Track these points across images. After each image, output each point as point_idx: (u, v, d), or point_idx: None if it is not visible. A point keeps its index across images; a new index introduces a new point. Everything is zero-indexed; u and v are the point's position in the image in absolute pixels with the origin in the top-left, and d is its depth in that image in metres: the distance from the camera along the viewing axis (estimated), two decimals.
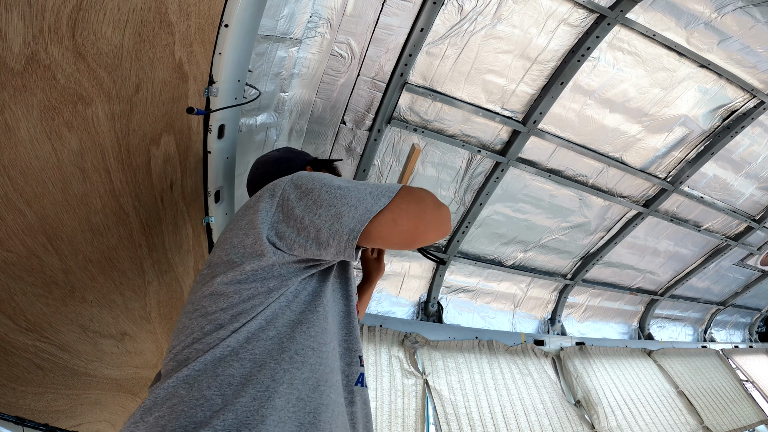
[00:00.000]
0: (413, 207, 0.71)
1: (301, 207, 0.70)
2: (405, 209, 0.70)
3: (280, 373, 0.61)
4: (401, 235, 0.71)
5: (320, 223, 0.68)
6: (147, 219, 1.10)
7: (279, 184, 0.75)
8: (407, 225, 0.70)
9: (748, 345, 4.22)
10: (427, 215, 0.72)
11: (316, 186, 0.72)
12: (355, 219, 0.67)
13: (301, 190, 0.73)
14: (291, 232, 0.70)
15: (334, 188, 0.71)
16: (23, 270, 0.82)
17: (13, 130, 0.65)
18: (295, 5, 1.35)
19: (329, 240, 0.68)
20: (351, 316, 0.82)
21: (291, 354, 0.64)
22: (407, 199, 0.71)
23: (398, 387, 2.08)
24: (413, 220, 0.71)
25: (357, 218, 0.67)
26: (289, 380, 0.61)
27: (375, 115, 1.77)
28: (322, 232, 0.68)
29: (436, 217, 0.73)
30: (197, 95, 1.04)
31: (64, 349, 1.04)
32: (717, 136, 2.26)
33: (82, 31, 0.67)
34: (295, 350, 0.64)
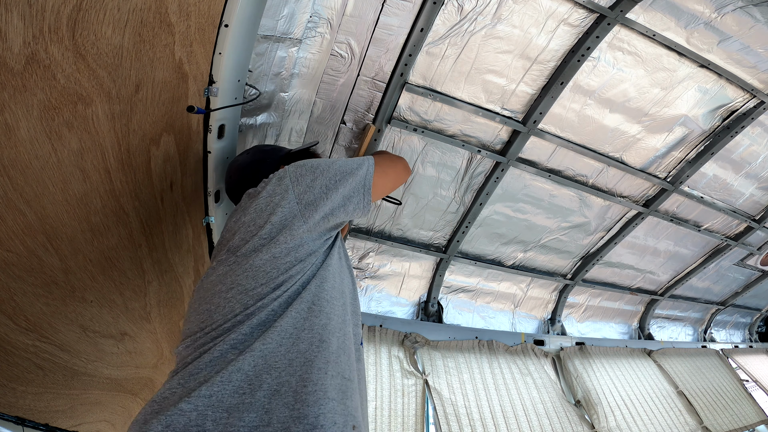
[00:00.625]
0: (388, 162, 1.01)
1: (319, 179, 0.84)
2: (386, 163, 0.99)
3: (300, 321, 0.69)
4: (390, 181, 1.00)
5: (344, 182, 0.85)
6: (147, 219, 1.10)
7: (283, 176, 0.86)
8: (392, 172, 1.01)
9: (748, 345, 4.22)
10: (398, 163, 1.05)
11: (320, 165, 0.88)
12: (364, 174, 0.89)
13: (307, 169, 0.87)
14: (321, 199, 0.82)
15: (331, 164, 0.89)
16: (23, 270, 0.82)
17: (13, 130, 0.65)
18: (295, 5, 1.35)
19: (353, 193, 0.86)
20: (354, 284, 0.95)
21: (309, 305, 0.73)
22: (382, 158, 1.00)
23: (398, 387, 2.08)
24: (393, 169, 1.02)
25: (365, 172, 0.89)
26: (309, 326, 0.69)
27: (375, 115, 1.77)
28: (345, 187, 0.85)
29: (402, 162, 1.07)
30: (197, 95, 1.04)
31: (64, 349, 1.04)
32: (717, 136, 2.26)
33: (82, 31, 0.67)
34: (312, 301, 0.74)
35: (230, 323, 0.68)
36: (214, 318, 0.70)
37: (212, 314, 0.71)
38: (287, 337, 0.65)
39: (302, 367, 0.62)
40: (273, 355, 0.62)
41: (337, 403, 0.60)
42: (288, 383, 0.59)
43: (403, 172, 1.06)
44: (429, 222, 2.35)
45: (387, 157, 1.02)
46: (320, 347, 0.66)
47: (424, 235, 2.42)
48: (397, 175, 1.03)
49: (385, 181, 0.97)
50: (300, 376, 0.60)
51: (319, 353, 0.65)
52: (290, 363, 0.62)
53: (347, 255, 1.02)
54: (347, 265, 0.95)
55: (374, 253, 2.41)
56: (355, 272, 2.44)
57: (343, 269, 0.90)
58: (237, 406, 0.56)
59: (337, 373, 0.64)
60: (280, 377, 0.59)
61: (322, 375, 0.62)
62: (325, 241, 0.86)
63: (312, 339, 0.67)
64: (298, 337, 0.66)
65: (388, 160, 1.01)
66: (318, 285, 0.76)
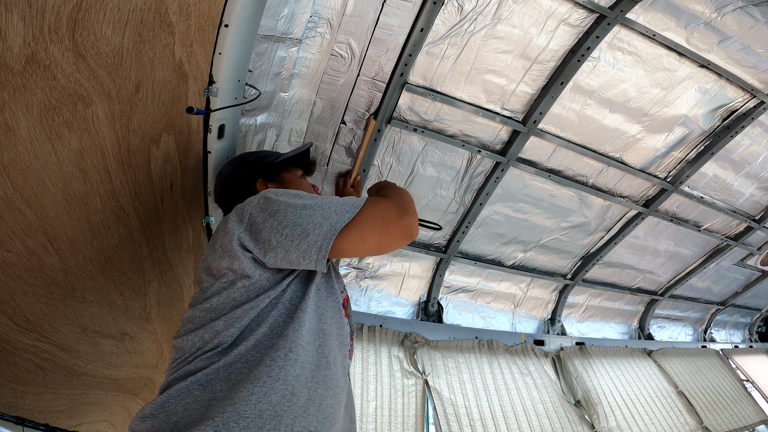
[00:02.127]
0: (378, 222, 0.76)
1: (267, 229, 0.75)
2: (370, 225, 0.75)
3: (276, 370, 0.67)
4: (369, 248, 0.78)
5: (287, 243, 0.73)
6: (147, 219, 1.10)
7: (246, 208, 0.80)
8: (373, 239, 0.76)
9: (748, 345, 4.22)
10: (391, 228, 0.76)
11: (281, 207, 0.76)
12: (322, 237, 0.72)
13: (266, 212, 0.77)
14: (260, 252, 0.75)
15: (299, 208, 0.75)
16: (23, 270, 0.82)
17: (13, 130, 0.65)
18: (295, 5, 1.35)
19: (299, 260, 0.73)
20: (340, 313, 0.88)
21: (285, 352, 0.69)
22: (371, 214, 0.76)
23: (398, 387, 2.08)
24: (378, 235, 0.76)
25: (323, 236, 0.72)
26: (284, 377, 0.66)
27: (375, 115, 1.77)
28: (290, 252, 0.73)
29: (399, 228, 0.77)
30: (197, 95, 1.04)
31: (64, 349, 1.04)
32: (717, 136, 2.26)
33: (82, 31, 0.67)
34: (288, 348, 0.70)
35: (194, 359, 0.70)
36: (183, 351, 0.73)
37: (181, 347, 0.74)
38: (261, 386, 0.64)
39: (271, 421, 0.61)
40: (244, 403, 0.61)
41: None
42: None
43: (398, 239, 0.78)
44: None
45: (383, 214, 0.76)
46: (291, 400, 0.65)
47: (424, 235, 2.42)
48: (383, 242, 0.76)
49: (360, 246, 0.76)
50: (268, 431, 0.60)
51: (288, 408, 0.64)
52: (260, 415, 0.61)
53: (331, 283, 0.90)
54: (329, 297, 0.87)
55: None
56: (355, 272, 2.44)
57: (323, 305, 0.83)
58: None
59: (303, 428, 0.64)
60: (248, 428, 0.59)
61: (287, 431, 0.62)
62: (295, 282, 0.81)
63: (284, 391, 0.65)
64: (272, 387, 0.65)
65: (379, 220, 0.76)
66: (295, 330, 0.72)
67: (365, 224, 0.75)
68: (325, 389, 0.71)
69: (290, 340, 0.71)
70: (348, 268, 2.43)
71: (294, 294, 0.79)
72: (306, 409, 0.66)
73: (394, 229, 0.77)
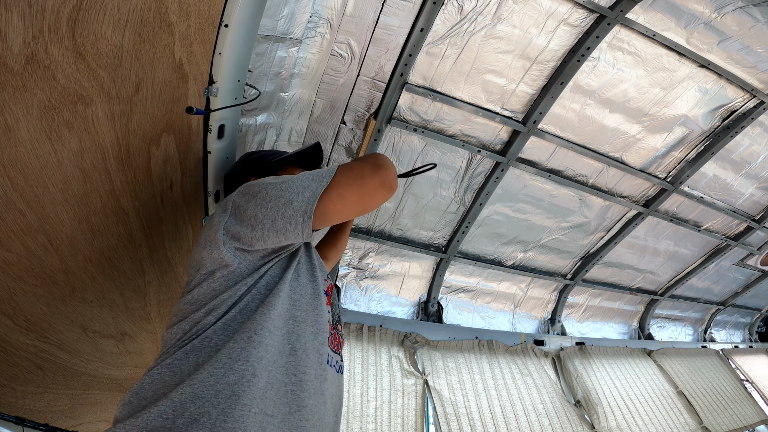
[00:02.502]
0: (353, 178, 0.80)
1: (251, 207, 0.78)
2: (347, 183, 0.79)
3: (237, 351, 0.67)
4: (352, 206, 0.81)
5: (273, 213, 0.76)
6: (147, 219, 1.10)
7: (228, 199, 0.85)
8: (353, 196, 0.80)
9: (748, 345, 4.22)
10: (368, 181, 0.80)
11: (261, 187, 0.80)
12: (305, 201, 0.75)
13: (248, 195, 0.81)
14: (247, 229, 0.77)
15: (278, 184, 0.80)
16: (23, 270, 0.82)
17: (13, 130, 0.65)
18: (295, 5, 1.35)
19: (286, 226, 0.75)
20: (319, 301, 0.87)
21: (249, 334, 0.70)
22: (346, 174, 0.80)
23: (398, 387, 2.08)
24: (357, 190, 0.80)
25: (306, 200, 0.75)
26: (245, 358, 0.67)
27: (375, 115, 1.77)
28: (277, 221, 0.75)
29: (375, 180, 0.81)
30: (197, 95, 1.04)
31: (64, 349, 1.04)
32: (717, 136, 2.26)
33: (82, 31, 0.67)
34: (253, 330, 0.70)
35: (172, 350, 0.71)
36: (165, 347, 0.75)
37: (165, 344, 0.76)
38: (220, 367, 0.65)
39: (227, 400, 0.61)
40: (201, 384, 0.62)
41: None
42: (208, 414, 0.59)
43: (377, 193, 0.81)
44: (429, 222, 2.35)
45: (354, 173, 0.80)
46: (251, 381, 0.65)
47: (424, 235, 2.42)
48: (363, 197, 0.80)
49: (342, 207, 0.79)
50: (222, 410, 0.60)
51: (247, 388, 0.64)
52: (216, 394, 0.62)
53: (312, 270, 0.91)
54: (309, 283, 0.87)
55: (374, 253, 2.41)
56: (355, 272, 2.44)
57: (300, 291, 0.83)
58: (157, 429, 0.58)
59: (260, 410, 0.63)
60: (202, 407, 0.60)
61: (245, 412, 0.61)
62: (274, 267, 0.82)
63: (244, 372, 0.65)
64: (231, 368, 0.65)
65: (353, 178, 0.80)
66: (264, 314, 0.73)
67: (342, 183, 0.78)
68: (286, 375, 0.71)
69: (256, 322, 0.72)
70: (348, 269, 2.43)
71: (270, 279, 0.80)
72: (264, 392, 0.66)
73: (370, 181, 0.80)
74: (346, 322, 2.20)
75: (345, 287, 2.43)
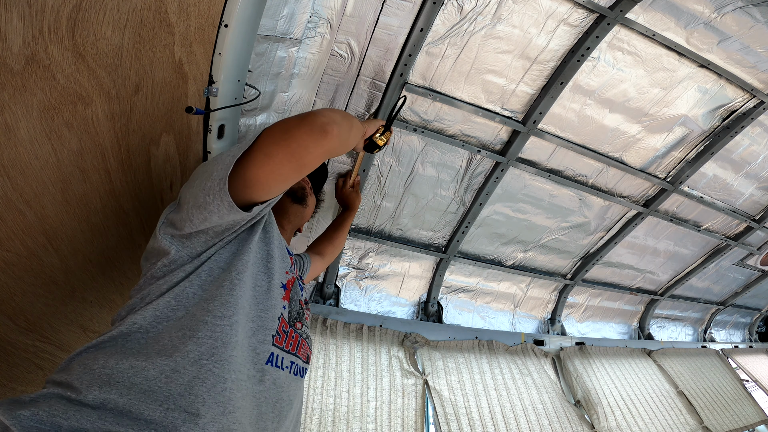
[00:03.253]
0: (278, 133, 0.71)
1: (182, 190, 0.77)
2: (271, 141, 0.70)
3: (164, 342, 0.63)
4: (283, 163, 0.70)
5: (196, 189, 0.72)
6: (147, 219, 1.10)
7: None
8: (279, 151, 0.70)
9: (748, 345, 4.22)
10: (293, 132, 0.70)
11: (200, 167, 0.78)
12: (222, 167, 0.69)
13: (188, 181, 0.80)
14: (176, 213, 0.76)
15: (208, 162, 0.76)
16: (23, 270, 0.82)
17: (12, 130, 0.65)
18: (295, 5, 1.35)
19: (206, 199, 0.70)
20: (271, 294, 0.81)
21: (180, 326, 0.66)
22: (269, 132, 0.72)
23: (398, 387, 2.08)
24: (283, 145, 0.70)
25: (223, 166, 0.69)
26: (170, 352, 0.62)
27: (375, 115, 1.77)
28: (198, 196, 0.71)
29: (303, 128, 0.70)
30: (197, 95, 1.04)
31: (64, 349, 1.04)
32: (717, 136, 2.26)
33: (81, 31, 0.67)
34: (186, 324, 0.66)
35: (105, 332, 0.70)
36: None
37: None
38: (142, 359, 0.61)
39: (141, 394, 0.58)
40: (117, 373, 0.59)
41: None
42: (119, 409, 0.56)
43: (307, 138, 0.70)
44: (429, 222, 2.35)
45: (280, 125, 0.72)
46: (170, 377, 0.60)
47: (424, 235, 2.42)
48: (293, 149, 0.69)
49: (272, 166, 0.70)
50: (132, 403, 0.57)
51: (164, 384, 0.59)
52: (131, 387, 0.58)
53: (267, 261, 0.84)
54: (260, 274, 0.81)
55: (374, 253, 2.41)
56: (355, 272, 2.44)
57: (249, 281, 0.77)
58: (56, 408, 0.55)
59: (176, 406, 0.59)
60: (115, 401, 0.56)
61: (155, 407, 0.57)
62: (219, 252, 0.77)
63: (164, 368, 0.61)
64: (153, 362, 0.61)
65: (279, 131, 0.71)
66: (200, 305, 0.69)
67: (265, 142, 0.71)
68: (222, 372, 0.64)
69: (191, 314, 0.67)
70: (348, 269, 2.43)
71: (214, 266, 0.75)
72: (190, 388, 0.60)
73: (296, 131, 0.70)
74: (346, 322, 2.20)
75: (345, 287, 2.43)
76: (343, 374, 2.00)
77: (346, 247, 2.35)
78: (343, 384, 1.98)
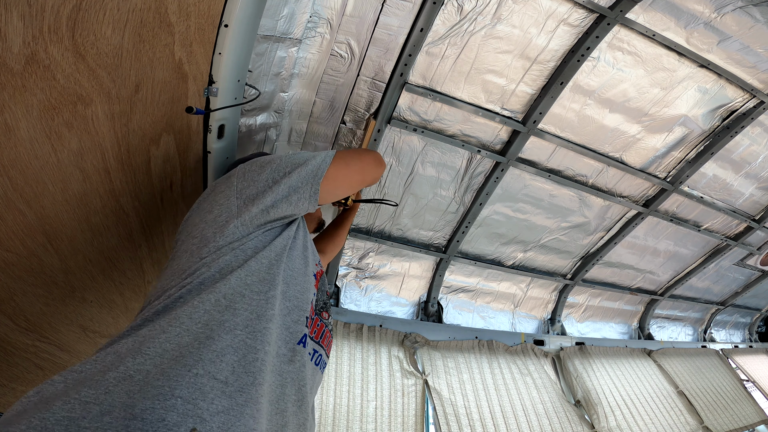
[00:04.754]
0: (353, 153, 0.99)
1: (266, 173, 0.85)
2: (349, 156, 0.96)
3: (199, 313, 0.64)
4: (355, 173, 0.97)
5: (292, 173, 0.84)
6: (147, 219, 1.10)
7: (232, 171, 0.89)
8: (356, 164, 0.97)
9: (748, 345, 4.22)
10: (365, 156, 1.00)
11: (273, 159, 0.88)
12: (320, 160, 0.88)
13: (258, 165, 0.87)
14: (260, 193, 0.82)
15: (286, 156, 0.89)
16: (23, 270, 0.82)
17: (12, 130, 0.65)
18: (295, 5, 1.35)
19: (300, 183, 0.84)
20: (307, 278, 0.86)
21: (218, 297, 0.67)
22: (345, 151, 0.97)
23: (398, 387, 2.08)
24: (357, 159, 0.97)
25: (319, 162, 0.87)
26: (206, 321, 0.64)
27: (375, 115, 1.77)
28: (292, 178, 0.84)
29: (371, 156, 1.01)
30: (197, 95, 1.04)
31: (64, 349, 1.04)
32: (717, 136, 2.26)
33: (81, 31, 0.67)
34: (223, 293, 0.68)
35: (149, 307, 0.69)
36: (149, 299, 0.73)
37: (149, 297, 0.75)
38: (177, 325, 0.61)
39: (171, 360, 0.56)
40: (149, 341, 0.58)
41: (182, 401, 0.53)
42: (147, 372, 0.54)
43: (372, 165, 1.00)
44: (429, 222, 2.35)
45: (352, 151, 0.99)
46: (203, 344, 0.60)
47: (424, 235, 2.42)
48: (363, 167, 0.98)
49: (347, 173, 0.94)
50: (162, 369, 0.55)
51: (196, 350, 0.59)
52: (162, 353, 0.57)
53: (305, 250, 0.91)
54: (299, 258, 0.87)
55: (374, 253, 2.41)
56: (355, 272, 2.44)
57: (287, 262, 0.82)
58: (84, 381, 0.53)
59: (206, 372, 0.57)
60: (143, 363, 0.55)
61: (184, 372, 0.56)
62: (265, 233, 0.82)
63: (199, 335, 0.61)
64: (188, 329, 0.61)
65: (352, 153, 0.98)
66: (240, 278, 0.71)
67: (344, 155, 0.95)
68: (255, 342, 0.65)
69: (229, 284, 0.69)
70: (348, 268, 2.43)
71: (258, 243, 0.80)
72: (220, 356, 0.60)
73: (366, 156, 1.00)
74: (346, 322, 2.20)
75: (345, 287, 2.43)
76: (343, 374, 2.00)
77: (346, 247, 2.35)
78: (343, 384, 1.98)
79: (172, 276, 0.73)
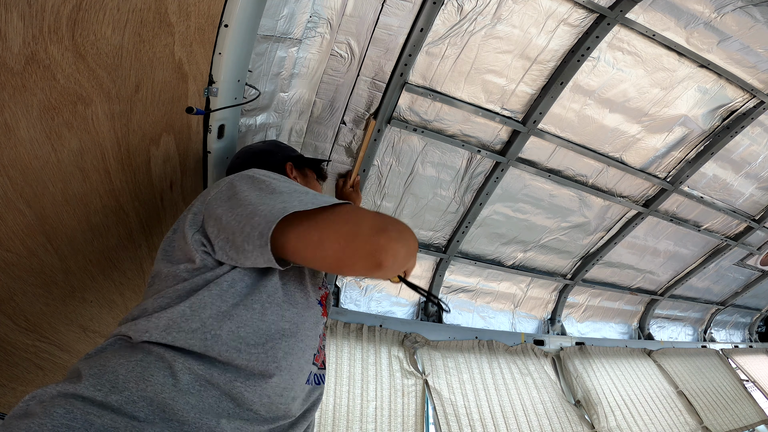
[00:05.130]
0: (345, 228, 0.58)
1: (225, 206, 0.64)
2: (335, 229, 0.58)
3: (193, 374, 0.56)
4: (324, 257, 0.59)
5: (234, 223, 0.61)
6: (147, 219, 1.10)
7: (223, 180, 0.71)
8: (332, 247, 0.58)
9: (748, 345, 4.22)
10: (358, 243, 0.57)
11: (254, 185, 0.65)
12: (266, 218, 0.57)
13: (235, 188, 0.66)
14: (212, 231, 0.64)
15: (269, 190, 0.64)
16: (23, 270, 0.82)
17: (13, 130, 0.65)
18: (295, 5, 1.35)
19: (243, 244, 0.59)
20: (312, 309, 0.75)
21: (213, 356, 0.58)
22: (343, 216, 0.59)
23: (398, 387, 2.08)
24: (340, 244, 0.57)
25: (268, 217, 0.57)
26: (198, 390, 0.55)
27: (375, 115, 1.77)
28: (236, 234, 0.60)
29: (367, 244, 0.56)
30: (197, 95, 1.04)
31: (64, 349, 1.04)
32: (717, 136, 2.26)
33: (81, 31, 0.67)
34: (218, 352, 0.58)
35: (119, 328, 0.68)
36: None
37: None
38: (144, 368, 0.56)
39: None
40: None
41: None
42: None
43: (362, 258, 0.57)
44: (429, 222, 2.35)
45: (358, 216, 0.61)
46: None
47: (424, 235, 2.42)
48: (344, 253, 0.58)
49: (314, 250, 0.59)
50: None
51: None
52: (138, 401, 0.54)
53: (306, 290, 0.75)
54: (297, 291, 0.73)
55: None
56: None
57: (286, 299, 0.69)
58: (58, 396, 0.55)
59: None
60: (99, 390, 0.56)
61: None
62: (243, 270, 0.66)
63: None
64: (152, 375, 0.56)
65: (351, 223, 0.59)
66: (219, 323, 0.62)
67: (330, 226, 0.58)
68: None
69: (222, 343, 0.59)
70: None
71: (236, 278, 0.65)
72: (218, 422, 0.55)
73: (361, 244, 0.57)
74: (346, 322, 2.20)
75: (345, 287, 2.43)
76: (343, 374, 2.00)
77: None
78: (343, 384, 1.98)
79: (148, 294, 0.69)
